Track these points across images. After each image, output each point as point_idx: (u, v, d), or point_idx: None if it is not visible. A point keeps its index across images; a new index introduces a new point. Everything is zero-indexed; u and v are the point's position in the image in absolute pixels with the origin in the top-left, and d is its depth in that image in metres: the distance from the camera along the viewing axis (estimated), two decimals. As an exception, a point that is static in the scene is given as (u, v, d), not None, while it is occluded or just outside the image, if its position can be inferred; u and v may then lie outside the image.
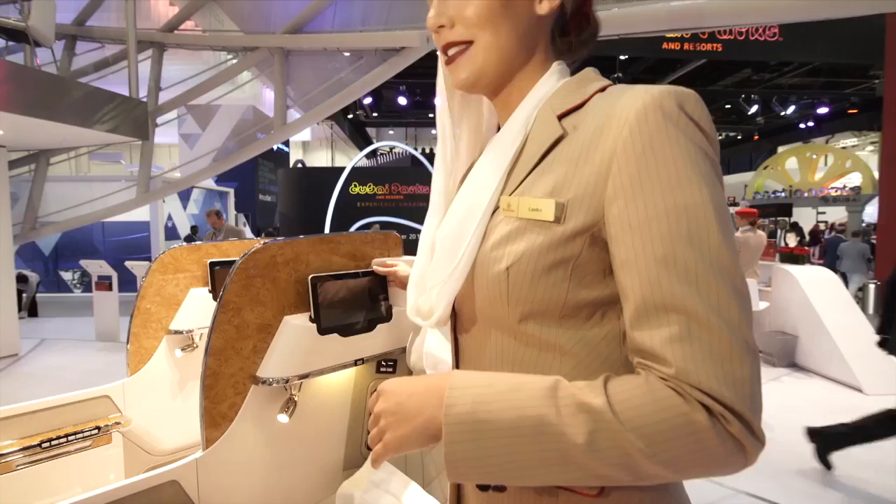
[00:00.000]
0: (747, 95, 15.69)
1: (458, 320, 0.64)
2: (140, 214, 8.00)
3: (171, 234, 9.75)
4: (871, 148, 18.85)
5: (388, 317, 1.33)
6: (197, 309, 1.72)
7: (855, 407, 3.80)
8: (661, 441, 0.43)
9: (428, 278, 0.62)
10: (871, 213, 11.91)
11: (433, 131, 24.83)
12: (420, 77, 14.67)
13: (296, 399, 1.22)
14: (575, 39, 0.63)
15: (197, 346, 1.75)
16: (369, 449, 1.57)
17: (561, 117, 0.55)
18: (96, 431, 1.53)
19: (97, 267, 5.96)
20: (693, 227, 0.46)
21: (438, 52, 0.64)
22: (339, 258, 1.30)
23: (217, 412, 1.14)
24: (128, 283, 6.31)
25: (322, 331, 1.20)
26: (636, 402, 0.44)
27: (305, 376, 1.19)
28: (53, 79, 4.69)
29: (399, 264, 1.28)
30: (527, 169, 0.55)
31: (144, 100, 5.65)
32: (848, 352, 4.21)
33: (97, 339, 5.93)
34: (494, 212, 0.57)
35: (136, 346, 1.69)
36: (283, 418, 1.19)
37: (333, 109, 5.02)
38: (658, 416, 0.43)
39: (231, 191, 11.48)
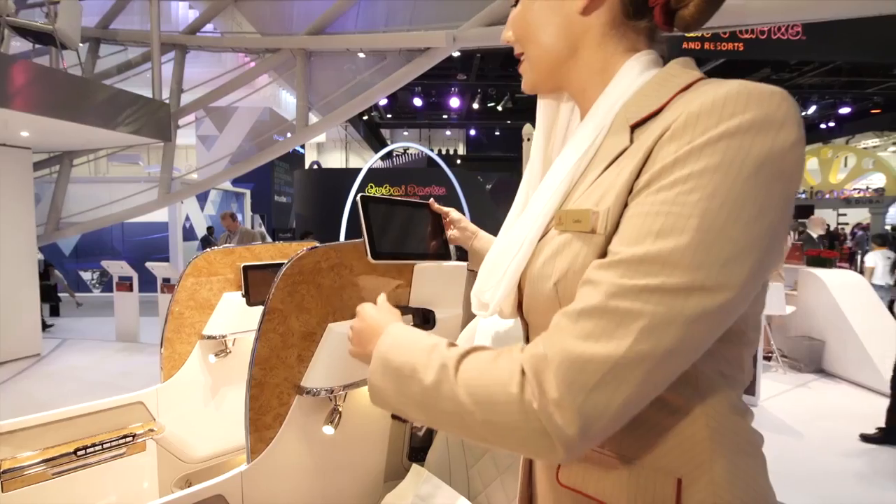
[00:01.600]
0: (766, 95, 15.35)
1: (529, 332, 0.62)
2: (159, 215, 8.07)
3: (188, 234, 9.84)
4: (893, 148, 18.38)
5: (432, 323, 1.28)
6: (230, 313, 1.69)
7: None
8: (482, 402, 0.45)
9: (485, 279, 0.62)
10: (894, 214, 11.61)
11: (448, 133, 24.82)
12: (435, 78, 14.63)
13: (340, 410, 1.17)
14: (661, 18, 0.55)
15: (230, 352, 1.72)
16: (410, 460, 1.51)
17: (635, 126, 0.50)
18: (131, 439, 1.50)
19: (118, 268, 6.01)
20: (666, 227, 0.41)
21: None
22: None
23: (262, 423, 1.10)
24: (147, 283, 6.37)
25: (368, 339, 1.16)
26: (477, 363, 0.47)
27: (351, 386, 1.15)
28: (79, 81, 4.74)
29: (453, 210, 1.12)
30: (589, 182, 0.52)
31: (167, 101, 5.69)
32: (878, 357, 4.09)
33: (117, 339, 5.98)
34: (550, 225, 0.56)
35: (169, 352, 1.66)
36: (328, 430, 1.15)
37: (357, 110, 4.99)
38: (486, 379, 0.45)
39: (247, 192, 11.57)
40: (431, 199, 1.05)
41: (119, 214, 6.35)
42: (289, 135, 6.21)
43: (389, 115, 19.90)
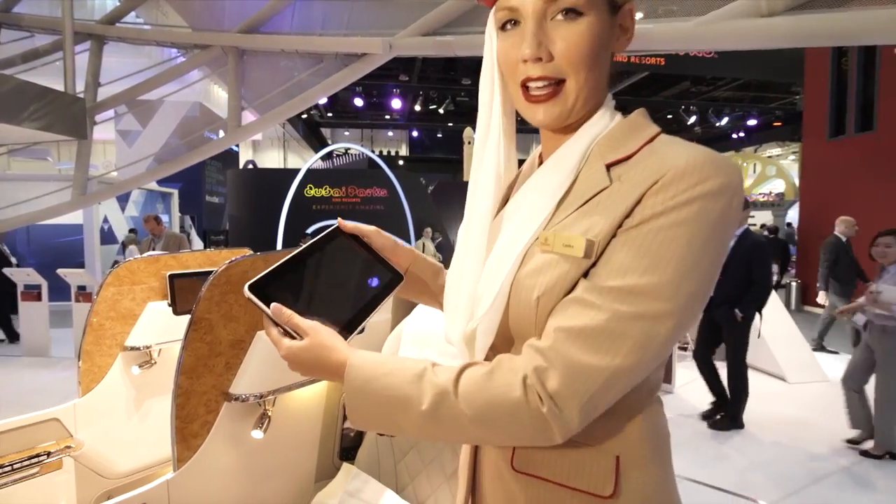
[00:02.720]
0: (686, 107, 16.78)
1: (495, 338, 0.66)
2: (72, 217, 7.40)
3: (107, 237, 9.12)
4: (792, 157, 20.63)
5: (360, 329, 1.34)
6: (155, 323, 1.65)
7: (780, 393, 4.22)
8: (486, 414, 0.53)
9: (476, 308, 0.63)
10: (792, 216, 13.06)
11: (389, 133, 24.64)
12: (377, 78, 14.53)
13: (269, 414, 1.21)
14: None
15: (155, 363, 1.68)
16: (342, 459, 1.55)
17: (610, 166, 0.58)
18: (45, 457, 1.43)
19: (24, 276, 5.48)
20: (651, 265, 0.52)
21: (500, 85, 0.64)
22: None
23: (188, 431, 1.11)
24: (58, 291, 5.83)
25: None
26: (474, 382, 0.54)
27: (281, 390, 1.19)
28: (-25, 70, 4.28)
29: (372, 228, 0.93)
30: (569, 210, 0.59)
31: (82, 95, 5.26)
32: (774, 345, 4.61)
33: (24, 354, 5.45)
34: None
35: (88, 365, 1.60)
36: (257, 434, 1.18)
37: (292, 112, 4.87)
38: (488, 394, 0.53)
39: (175, 192, 10.87)
40: (339, 219, 0.76)
41: (25, 216, 5.78)
42: (221, 133, 5.94)
43: (330, 115, 19.49)
